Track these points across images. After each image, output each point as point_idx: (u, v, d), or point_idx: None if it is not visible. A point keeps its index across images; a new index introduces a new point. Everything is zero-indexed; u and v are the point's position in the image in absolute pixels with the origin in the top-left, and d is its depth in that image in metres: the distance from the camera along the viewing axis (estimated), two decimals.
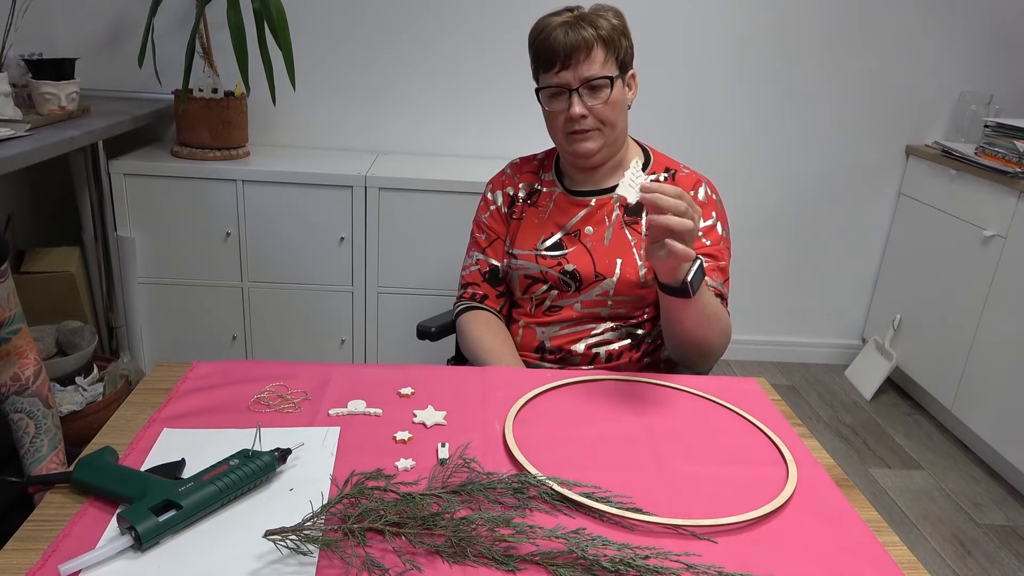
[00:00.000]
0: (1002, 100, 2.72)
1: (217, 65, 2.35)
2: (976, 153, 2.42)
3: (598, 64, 1.24)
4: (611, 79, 1.26)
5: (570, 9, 1.29)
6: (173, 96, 2.35)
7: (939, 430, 2.61)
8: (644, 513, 0.83)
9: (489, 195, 1.46)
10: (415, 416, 1.02)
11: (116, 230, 2.30)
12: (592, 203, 1.36)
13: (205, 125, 2.29)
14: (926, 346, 2.63)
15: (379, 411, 1.03)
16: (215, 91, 2.26)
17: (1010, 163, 2.27)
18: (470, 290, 1.44)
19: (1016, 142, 2.26)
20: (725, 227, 1.36)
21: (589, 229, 1.35)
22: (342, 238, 2.34)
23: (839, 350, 3.07)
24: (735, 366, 2.99)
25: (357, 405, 1.04)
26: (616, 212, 1.35)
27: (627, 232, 1.34)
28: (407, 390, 1.09)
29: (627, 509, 0.83)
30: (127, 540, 0.74)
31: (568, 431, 1.01)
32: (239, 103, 2.34)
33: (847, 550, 0.81)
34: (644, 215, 1.34)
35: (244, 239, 2.33)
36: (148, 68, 2.34)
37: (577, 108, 1.26)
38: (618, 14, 1.30)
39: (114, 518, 0.78)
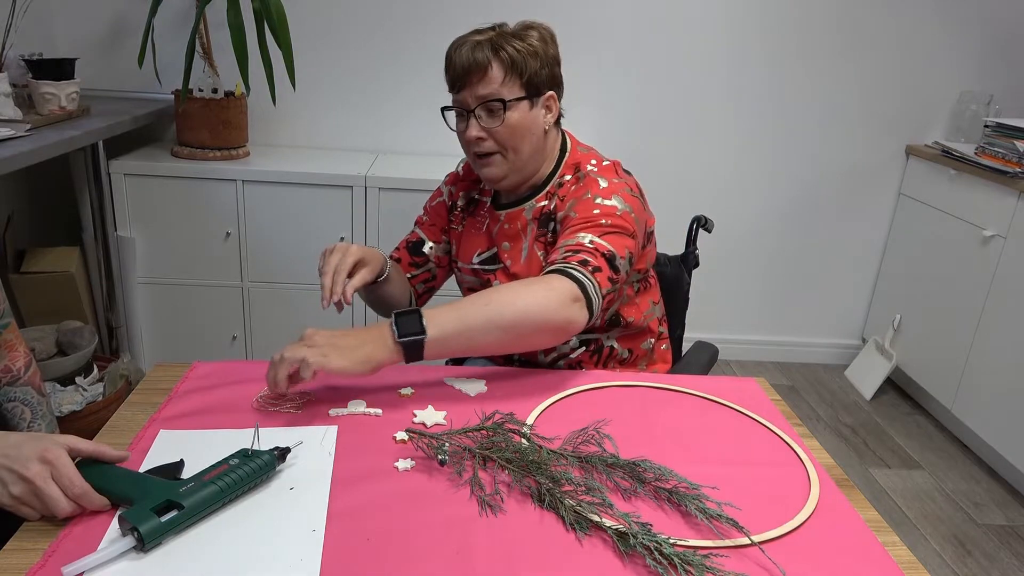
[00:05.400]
0: (1002, 100, 2.72)
1: (217, 65, 2.35)
2: (976, 153, 2.42)
3: (495, 85, 1.20)
4: (504, 102, 1.20)
5: (493, 27, 1.24)
6: (173, 96, 2.35)
7: (939, 430, 2.61)
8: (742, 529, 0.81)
9: (443, 188, 1.48)
10: (415, 416, 1.02)
11: (116, 230, 2.30)
12: (502, 217, 1.34)
13: (205, 125, 2.29)
14: (926, 346, 2.63)
15: (379, 411, 1.03)
16: (215, 91, 2.26)
17: (1010, 163, 2.27)
18: (393, 255, 1.45)
19: (1016, 142, 2.26)
20: (605, 197, 1.21)
21: (506, 245, 1.33)
22: (342, 238, 2.34)
23: (839, 350, 3.07)
24: (735, 366, 2.99)
25: (357, 405, 1.04)
26: (530, 226, 1.31)
27: (537, 249, 1.30)
28: (407, 390, 1.09)
29: (731, 523, 0.82)
30: (130, 541, 0.74)
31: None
32: (239, 103, 2.34)
33: (847, 550, 0.81)
34: (551, 226, 1.28)
35: (244, 239, 2.33)
36: (148, 68, 2.34)
37: (473, 131, 1.22)
38: (543, 36, 1.24)
39: (115, 519, 0.78)
